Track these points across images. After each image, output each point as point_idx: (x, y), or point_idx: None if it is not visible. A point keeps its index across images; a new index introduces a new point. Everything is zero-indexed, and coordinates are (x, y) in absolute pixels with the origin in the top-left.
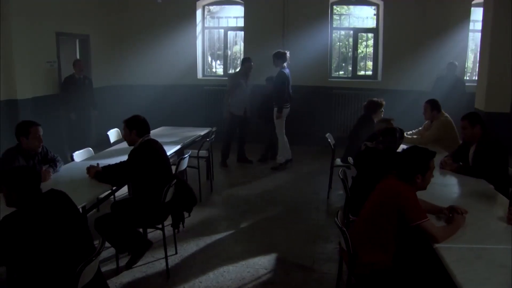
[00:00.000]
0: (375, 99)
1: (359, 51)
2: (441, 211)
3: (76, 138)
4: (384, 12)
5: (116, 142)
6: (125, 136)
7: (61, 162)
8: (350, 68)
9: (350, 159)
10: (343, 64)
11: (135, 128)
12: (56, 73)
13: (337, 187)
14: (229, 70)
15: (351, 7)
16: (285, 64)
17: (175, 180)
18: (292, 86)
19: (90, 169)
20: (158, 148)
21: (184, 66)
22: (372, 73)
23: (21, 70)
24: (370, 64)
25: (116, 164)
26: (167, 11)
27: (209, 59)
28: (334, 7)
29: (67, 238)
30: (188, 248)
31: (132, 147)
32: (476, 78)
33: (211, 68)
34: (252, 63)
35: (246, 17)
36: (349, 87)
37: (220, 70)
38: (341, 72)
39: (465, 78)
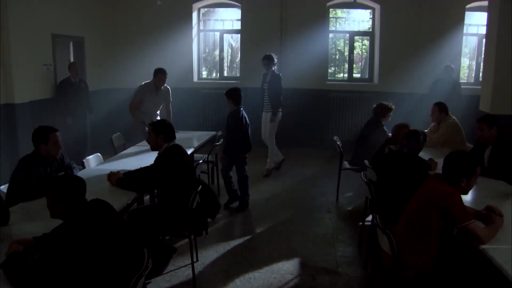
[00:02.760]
0: (384, 102)
1: (356, 53)
2: (477, 213)
3: (73, 143)
4: (381, 15)
5: (119, 147)
6: (150, 139)
7: (76, 169)
8: (347, 71)
9: (367, 162)
10: (340, 67)
11: (163, 133)
12: (52, 76)
13: (345, 190)
14: (224, 74)
15: (346, 10)
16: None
17: (201, 186)
18: (290, 89)
19: (111, 176)
20: (183, 153)
21: (180, 70)
22: (368, 76)
23: (19, 74)
24: (366, 66)
25: (138, 170)
26: (163, 14)
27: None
28: (330, 10)
29: (117, 250)
30: (208, 255)
31: (152, 152)
32: (469, 80)
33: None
34: (166, 75)
35: (243, 20)
36: (346, 90)
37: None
38: (337, 75)
39: (460, 80)
